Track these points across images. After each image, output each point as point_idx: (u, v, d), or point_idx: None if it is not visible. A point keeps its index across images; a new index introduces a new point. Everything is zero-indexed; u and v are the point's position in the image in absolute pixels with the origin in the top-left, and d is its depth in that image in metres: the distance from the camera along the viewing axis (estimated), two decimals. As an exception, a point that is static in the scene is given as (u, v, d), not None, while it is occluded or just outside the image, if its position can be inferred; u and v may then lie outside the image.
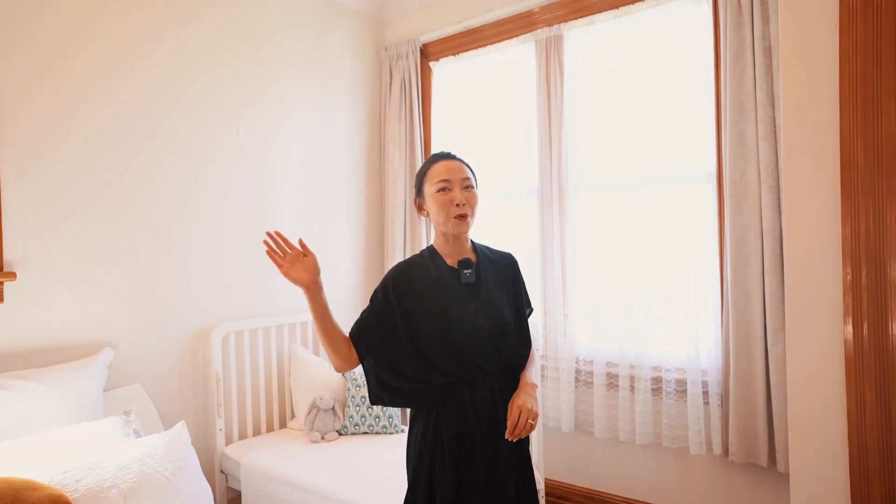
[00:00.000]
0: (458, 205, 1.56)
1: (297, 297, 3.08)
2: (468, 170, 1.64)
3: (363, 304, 3.44)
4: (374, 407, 2.78)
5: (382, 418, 2.79)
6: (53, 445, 1.82)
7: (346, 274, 3.36)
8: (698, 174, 2.50)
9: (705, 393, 2.44)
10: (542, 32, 2.92)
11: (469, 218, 1.59)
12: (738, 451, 2.29)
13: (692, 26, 2.51)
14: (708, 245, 2.47)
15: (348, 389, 2.83)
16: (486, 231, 3.08)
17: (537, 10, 2.95)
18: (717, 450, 2.39)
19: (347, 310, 3.29)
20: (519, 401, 1.52)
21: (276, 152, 3.01)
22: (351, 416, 2.79)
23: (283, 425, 3.00)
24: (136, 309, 2.48)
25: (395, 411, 2.82)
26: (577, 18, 2.82)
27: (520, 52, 3.04)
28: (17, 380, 2.01)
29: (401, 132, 3.40)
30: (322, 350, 3.16)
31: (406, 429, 2.82)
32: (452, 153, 1.68)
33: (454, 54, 3.30)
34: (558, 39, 2.88)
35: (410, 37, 3.42)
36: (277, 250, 1.50)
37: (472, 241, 1.70)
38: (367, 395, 2.79)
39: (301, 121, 3.12)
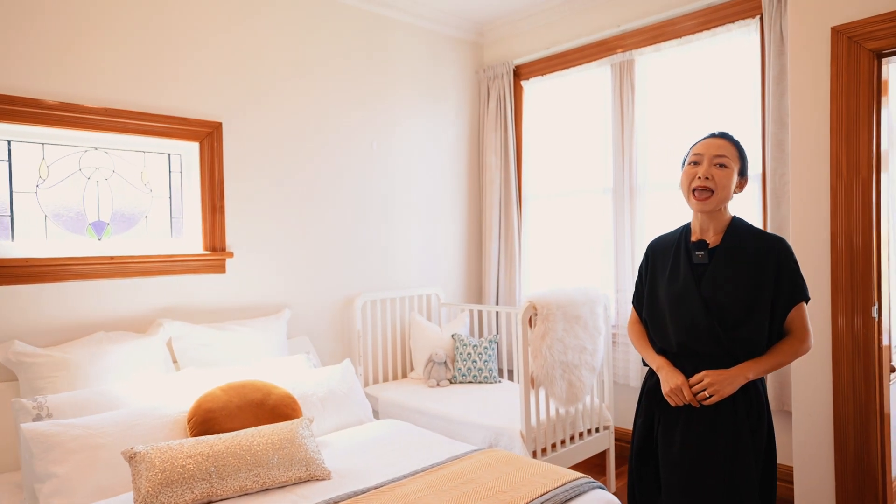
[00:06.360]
0: (699, 178, 1.54)
1: (416, 276, 3.89)
2: (730, 147, 1.58)
3: (464, 281, 4.21)
4: (478, 361, 3.52)
5: (484, 370, 3.52)
6: (273, 368, 2.71)
7: (450, 258, 4.12)
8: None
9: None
10: (617, 57, 3.51)
11: (712, 195, 1.54)
12: (775, 399, 2.83)
13: (742, 53, 3.03)
14: (754, 234, 2.99)
15: (457, 348, 3.59)
16: (566, 224, 3.73)
17: (613, 38, 3.54)
18: (758, 400, 2.94)
19: (452, 285, 4.06)
20: (714, 373, 1.54)
21: (399, 159, 3.80)
22: (459, 368, 3.55)
23: (404, 375, 3.82)
24: (305, 281, 3.36)
25: (494, 365, 3.54)
26: (646, 45, 3.39)
27: (598, 74, 3.65)
28: (239, 325, 2.93)
29: (496, 140, 4.11)
30: (434, 315, 3.95)
31: (501, 380, 3.55)
32: (724, 132, 1.63)
33: (542, 74, 3.95)
34: (630, 63, 3.47)
35: (505, 60, 4.10)
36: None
37: (734, 219, 1.64)
38: (471, 352, 3.55)
39: (416, 131, 3.90)
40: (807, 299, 1.61)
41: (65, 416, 2.14)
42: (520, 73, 4.07)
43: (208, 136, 2.97)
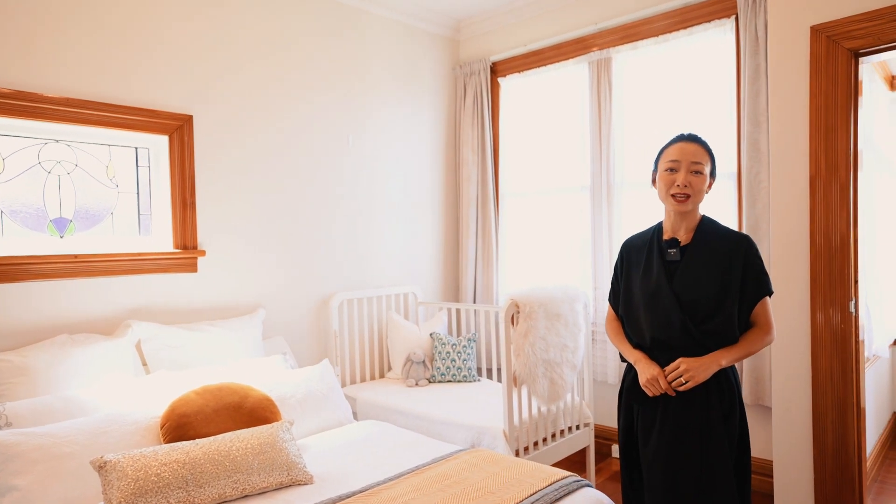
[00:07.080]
0: (678, 185, 1.64)
1: (393, 274, 3.84)
2: (704, 153, 1.67)
3: (441, 279, 4.17)
4: (457, 359, 3.48)
5: (463, 369, 3.49)
6: (249, 369, 2.61)
7: (426, 256, 4.07)
8: (722, 174, 3.06)
9: (725, 349, 3.02)
10: (594, 55, 3.52)
11: (689, 200, 1.64)
12: (750, 394, 2.87)
13: (718, 52, 3.07)
14: (730, 231, 3.03)
15: (435, 346, 3.54)
16: (543, 222, 3.73)
17: (590, 36, 3.55)
18: (735, 395, 2.98)
19: (429, 284, 4.01)
20: (689, 361, 1.61)
21: (375, 154, 3.74)
22: (437, 368, 3.50)
23: (381, 375, 3.75)
24: (280, 280, 3.26)
25: (473, 364, 3.51)
26: (623, 44, 3.41)
27: (575, 71, 3.66)
28: (212, 326, 2.82)
29: (473, 137, 4.08)
30: (411, 314, 3.90)
31: (480, 379, 3.52)
32: (694, 135, 1.71)
33: (519, 71, 3.93)
34: (608, 61, 3.48)
35: (482, 56, 4.07)
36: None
37: (704, 218, 1.73)
38: (450, 351, 3.51)
39: (392, 127, 3.84)
40: (770, 293, 1.70)
41: (25, 424, 2.02)
42: (497, 70, 4.05)
43: (178, 129, 2.85)
